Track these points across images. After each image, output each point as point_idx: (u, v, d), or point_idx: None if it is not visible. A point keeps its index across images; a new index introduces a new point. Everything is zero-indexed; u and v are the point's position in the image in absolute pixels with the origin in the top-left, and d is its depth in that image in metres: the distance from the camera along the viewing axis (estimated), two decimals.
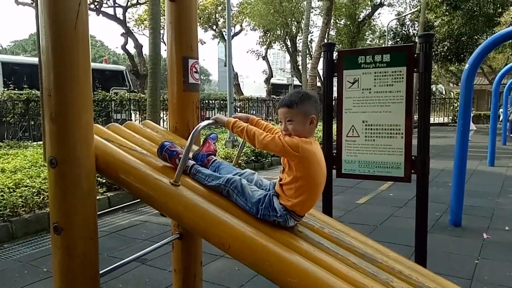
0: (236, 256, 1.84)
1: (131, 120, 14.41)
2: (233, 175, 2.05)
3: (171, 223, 2.71)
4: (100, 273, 1.98)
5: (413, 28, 25.09)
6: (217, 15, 28.01)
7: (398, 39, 24.62)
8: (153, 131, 2.53)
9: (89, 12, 1.98)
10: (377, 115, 3.12)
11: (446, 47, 22.11)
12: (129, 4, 22.71)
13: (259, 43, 30.66)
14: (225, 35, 16.61)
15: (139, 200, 5.00)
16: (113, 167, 2.04)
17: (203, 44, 31.64)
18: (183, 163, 1.97)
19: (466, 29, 21.44)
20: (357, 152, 3.22)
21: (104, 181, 6.00)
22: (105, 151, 2.07)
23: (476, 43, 20.63)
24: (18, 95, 11.95)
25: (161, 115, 11.90)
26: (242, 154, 7.46)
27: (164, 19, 3.65)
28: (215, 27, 28.81)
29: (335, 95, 3.43)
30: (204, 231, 1.90)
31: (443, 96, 35.29)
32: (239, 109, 20.84)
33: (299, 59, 23.10)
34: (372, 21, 30.12)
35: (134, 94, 16.40)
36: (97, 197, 2.32)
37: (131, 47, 23.99)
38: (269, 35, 29.31)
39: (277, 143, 1.86)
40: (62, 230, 1.84)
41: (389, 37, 25.17)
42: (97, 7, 21.03)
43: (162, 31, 13.52)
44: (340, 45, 27.11)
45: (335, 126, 3.37)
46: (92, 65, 1.93)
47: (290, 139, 1.86)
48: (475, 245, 4.52)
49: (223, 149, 9.85)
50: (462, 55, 21.98)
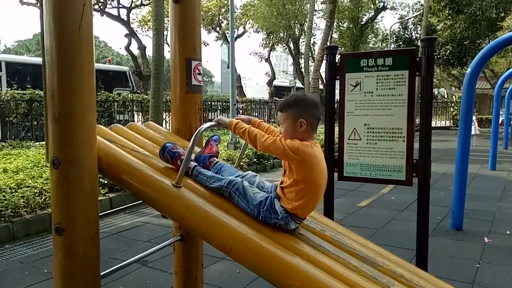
0: (237, 258, 1.83)
1: (134, 121, 14.42)
2: (235, 177, 2.05)
3: (172, 225, 2.70)
4: (101, 274, 1.97)
5: (415, 31, 25.15)
6: (221, 17, 28.09)
7: (400, 43, 24.67)
8: (156, 133, 2.53)
9: (93, 12, 1.98)
10: (379, 118, 3.12)
11: (448, 51, 22.15)
12: (133, 5, 22.80)
13: (262, 45, 30.74)
14: (228, 37, 16.63)
15: (140, 201, 5.00)
16: (115, 168, 2.05)
17: (206, 45, 31.73)
18: (185, 164, 1.97)
19: (468, 33, 21.46)
20: (359, 155, 3.22)
21: (106, 182, 6.00)
22: (108, 152, 2.07)
23: (478, 47, 20.67)
24: (21, 95, 11.97)
25: (164, 117, 11.92)
26: (244, 156, 7.45)
27: (168, 20, 3.66)
28: (218, 29, 28.87)
29: (337, 97, 3.44)
30: (205, 233, 1.90)
31: (445, 99, 35.26)
32: (241, 111, 20.87)
33: (302, 61, 23.08)
34: (375, 24, 30.18)
35: (137, 95, 16.43)
36: (99, 198, 2.32)
37: (134, 48, 24.10)
38: (272, 37, 29.36)
39: (278, 145, 1.86)
40: (63, 231, 1.84)
41: (391, 41, 25.22)
42: (101, 7, 21.09)
43: (165, 33, 13.60)
44: (342, 48, 27.16)
45: (337, 128, 3.38)
46: (95, 65, 1.93)
47: (290, 142, 1.86)
48: (476, 249, 4.51)
49: (225, 151, 9.85)
50: (464, 59, 22.00)
